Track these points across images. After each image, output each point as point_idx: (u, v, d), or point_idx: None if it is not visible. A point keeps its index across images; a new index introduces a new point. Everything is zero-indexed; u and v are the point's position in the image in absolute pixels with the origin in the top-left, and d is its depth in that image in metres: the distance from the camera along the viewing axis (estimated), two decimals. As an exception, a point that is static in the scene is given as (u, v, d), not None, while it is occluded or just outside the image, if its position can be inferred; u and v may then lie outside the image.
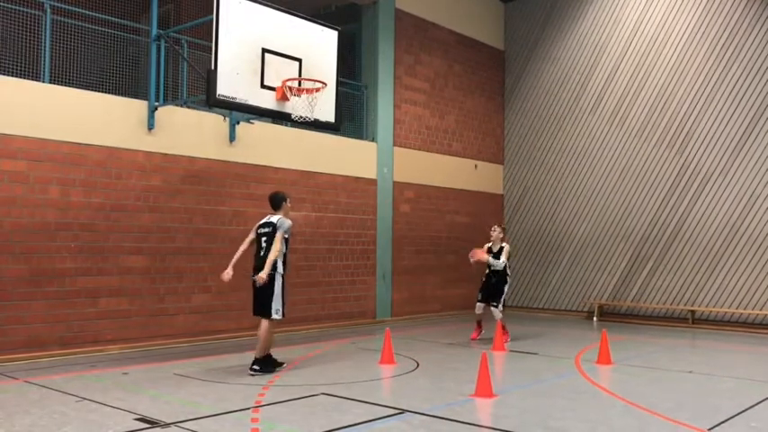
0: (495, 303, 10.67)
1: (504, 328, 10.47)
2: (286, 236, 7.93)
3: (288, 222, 7.98)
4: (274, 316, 7.83)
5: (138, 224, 9.86)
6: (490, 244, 10.91)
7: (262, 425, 5.71)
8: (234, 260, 8.16)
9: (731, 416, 6.14)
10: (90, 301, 9.33)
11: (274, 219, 8.01)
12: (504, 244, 10.84)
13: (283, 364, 8.16)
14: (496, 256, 10.72)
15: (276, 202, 8.16)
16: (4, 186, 8.60)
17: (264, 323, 7.88)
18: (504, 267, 10.70)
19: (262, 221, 8.17)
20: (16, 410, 6.08)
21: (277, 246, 7.80)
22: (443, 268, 15.14)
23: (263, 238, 7.96)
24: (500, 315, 10.62)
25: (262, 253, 7.93)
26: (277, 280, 7.84)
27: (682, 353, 10.30)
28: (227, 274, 8.05)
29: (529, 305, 16.25)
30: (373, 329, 12.36)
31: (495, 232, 10.91)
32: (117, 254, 9.62)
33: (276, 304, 7.81)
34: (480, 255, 10.71)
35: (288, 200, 8.26)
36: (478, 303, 10.98)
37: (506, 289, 10.83)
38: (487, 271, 10.86)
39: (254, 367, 7.83)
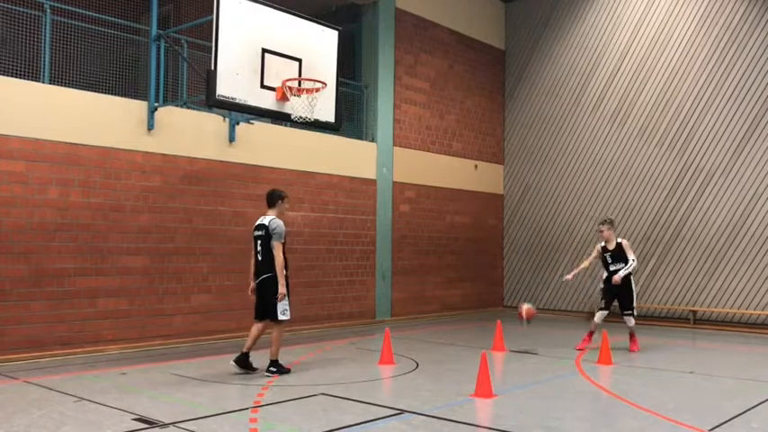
0: (627, 312, 9.86)
1: (633, 335, 10.01)
2: (282, 242, 7.78)
3: (281, 228, 7.77)
4: (281, 317, 7.71)
5: (138, 224, 9.85)
6: (603, 243, 9.98)
7: (261, 425, 5.70)
8: (251, 273, 8.06)
9: (732, 416, 6.12)
10: (89, 302, 9.32)
11: (266, 220, 7.85)
12: (620, 240, 9.98)
13: (256, 369, 7.96)
14: (615, 255, 9.81)
15: (272, 200, 8.01)
16: (4, 187, 8.59)
17: (275, 326, 7.78)
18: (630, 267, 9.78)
19: (257, 223, 8.03)
20: (15, 410, 6.07)
21: (279, 256, 7.70)
22: (443, 268, 15.13)
23: (258, 242, 7.85)
24: (633, 322, 9.94)
25: (259, 257, 7.83)
26: (280, 282, 7.74)
27: (683, 353, 10.28)
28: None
29: (529, 305, 16.23)
30: (373, 330, 12.34)
31: (605, 230, 9.88)
32: (116, 254, 9.61)
33: (282, 305, 7.72)
34: (530, 313, 9.66)
35: (285, 199, 8.08)
36: (601, 312, 10.02)
37: (635, 290, 10.02)
38: (605, 275, 9.98)
39: (271, 369, 7.76)
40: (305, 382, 7.43)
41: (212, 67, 8.25)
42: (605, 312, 9.99)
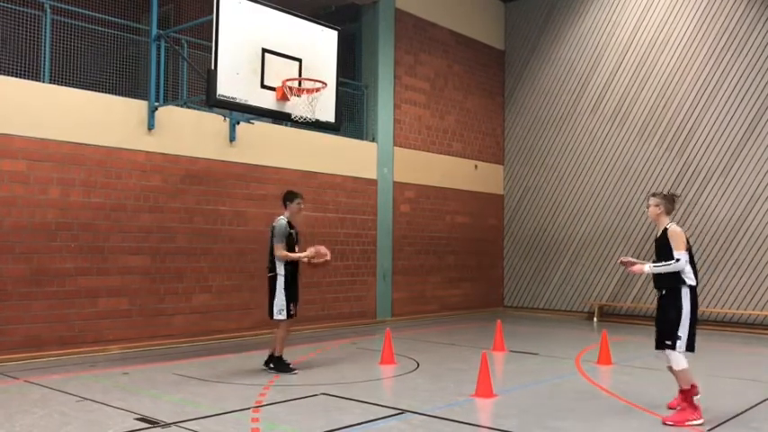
0: (668, 342, 5.97)
1: (685, 392, 5.95)
2: (280, 242, 7.86)
3: (278, 229, 7.88)
4: (276, 316, 7.87)
5: (139, 224, 9.86)
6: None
7: (262, 425, 5.71)
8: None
9: (731, 416, 6.14)
10: (90, 301, 9.33)
11: (274, 220, 8.10)
12: (669, 225, 6.25)
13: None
14: (659, 246, 6.26)
15: (282, 200, 8.24)
16: (5, 186, 8.59)
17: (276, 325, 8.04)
18: (676, 272, 5.99)
19: None
20: (17, 410, 6.08)
21: (279, 253, 7.85)
22: (444, 268, 15.14)
23: (270, 239, 8.10)
24: (680, 363, 5.94)
25: (269, 256, 8.06)
26: (278, 281, 7.87)
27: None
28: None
29: (529, 305, 16.25)
30: (373, 330, 12.36)
31: (651, 206, 6.39)
32: (117, 254, 9.61)
33: (278, 304, 7.84)
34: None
35: (296, 200, 8.15)
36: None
37: (685, 312, 5.92)
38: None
39: (270, 365, 8.02)
40: (306, 382, 7.44)
41: (212, 67, 8.27)
42: (658, 350, 6.23)
